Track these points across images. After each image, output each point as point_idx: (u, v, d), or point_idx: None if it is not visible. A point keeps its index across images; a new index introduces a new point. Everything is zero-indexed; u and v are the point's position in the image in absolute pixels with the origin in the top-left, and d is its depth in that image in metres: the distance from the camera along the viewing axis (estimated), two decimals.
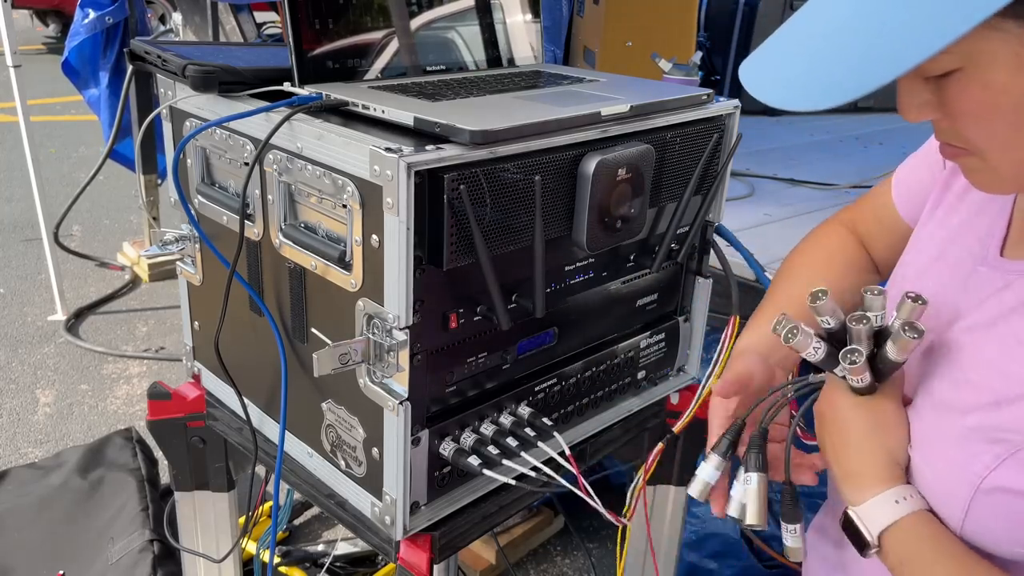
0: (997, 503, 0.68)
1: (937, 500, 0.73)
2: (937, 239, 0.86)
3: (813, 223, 1.10)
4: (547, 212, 0.96)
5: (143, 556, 1.76)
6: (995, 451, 0.68)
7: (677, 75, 2.09)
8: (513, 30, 1.26)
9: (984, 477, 0.68)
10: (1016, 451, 0.66)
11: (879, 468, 0.75)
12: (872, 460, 0.75)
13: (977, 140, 0.66)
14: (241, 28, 4.47)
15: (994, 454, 0.68)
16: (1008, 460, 0.67)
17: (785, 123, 3.30)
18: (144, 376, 3.20)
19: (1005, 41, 0.59)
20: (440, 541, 1.00)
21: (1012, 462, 0.67)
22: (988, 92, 0.62)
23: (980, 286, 0.75)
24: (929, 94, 0.66)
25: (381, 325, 0.91)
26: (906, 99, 0.67)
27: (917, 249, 0.89)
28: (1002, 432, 0.68)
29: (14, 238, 4.37)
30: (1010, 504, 0.67)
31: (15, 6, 6.71)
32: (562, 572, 2.30)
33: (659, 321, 1.27)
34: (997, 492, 0.68)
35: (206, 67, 1.05)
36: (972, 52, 0.60)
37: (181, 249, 1.21)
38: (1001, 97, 0.62)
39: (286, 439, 1.12)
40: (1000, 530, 0.69)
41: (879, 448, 0.76)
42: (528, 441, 1.03)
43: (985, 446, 0.69)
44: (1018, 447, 0.66)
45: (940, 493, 0.72)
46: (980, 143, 0.66)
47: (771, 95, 0.64)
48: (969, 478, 0.69)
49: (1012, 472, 0.67)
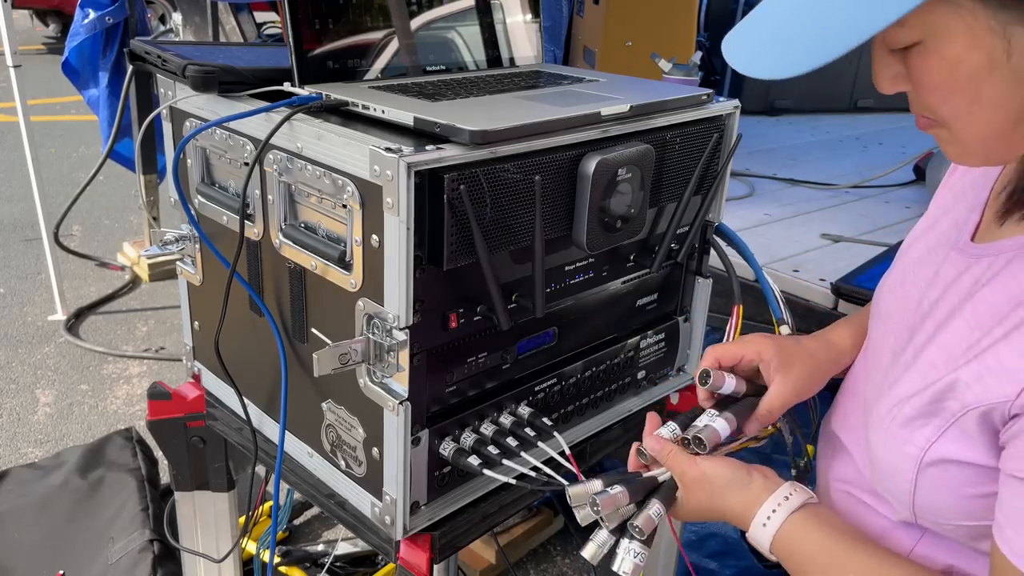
0: (940, 475, 0.71)
1: (887, 478, 0.76)
2: (922, 226, 0.89)
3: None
4: (547, 212, 0.96)
5: (143, 556, 1.76)
6: (936, 423, 0.71)
7: (677, 75, 2.09)
8: (513, 30, 1.26)
9: (926, 450, 0.71)
10: (955, 420, 0.69)
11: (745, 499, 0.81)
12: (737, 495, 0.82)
13: (941, 112, 0.68)
14: (241, 28, 4.47)
15: (935, 426, 0.71)
16: (948, 431, 0.70)
17: (785, 123, 3.30)
18: (144, 376, 3.20)
19: (959, 15, 0.61)
20: (440, 541, 1.00)
21: (951, 432, 0.69)
22: (945, 64, 0.64)
23: (948, 272, 0.77)
24: (899, 66, 0.68)
25: (381, 325, 0.91)
26: (879, 71, 0.70)
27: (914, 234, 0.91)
28: (942, 404, 0.70)
29: (14, 238, 4.37)
30: (952, 474, 0.70)
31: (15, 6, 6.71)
32: (562, 572, 2.30)
33: (659, 321, 1.27)
34: (940, 463, 0.70)
35: (206, 67, 1.05)
36: (930, 25, 0.62)
37: (181, 249, 1.21)
38: (957, 70, 0.64)
39: (286, 439, 1.12)
40: (946, 501, 0.71)
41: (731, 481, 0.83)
42: (528, 441, 1.03)
43: (927, 419, 0.71)
44: (956, 415, 0.69)
45: (889, 471, 0.75)
46: (944, 115, 0.68)
47: (742, 63, 0.67)
48: (913, 452, 0.72)
49: (951, 443, 0.69)
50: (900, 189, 2.38)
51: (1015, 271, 0.68)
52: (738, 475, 0.83)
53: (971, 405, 0.67)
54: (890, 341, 0.82)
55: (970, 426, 0.68)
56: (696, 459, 0.86)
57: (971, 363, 0.68)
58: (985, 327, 0.68)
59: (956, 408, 0.69)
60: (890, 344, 0.82)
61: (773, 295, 1.16)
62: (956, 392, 0.69)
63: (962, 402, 0.68)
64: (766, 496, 0.80)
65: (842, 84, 3.45)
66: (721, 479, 0.83)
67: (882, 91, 0.71)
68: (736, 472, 0.83)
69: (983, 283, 0.71)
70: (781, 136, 3.07)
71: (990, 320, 0.68)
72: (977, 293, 0.71)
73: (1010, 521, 0.65)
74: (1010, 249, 0.70)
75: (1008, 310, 0.67)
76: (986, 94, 0.64)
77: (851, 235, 1.94)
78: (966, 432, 0.69)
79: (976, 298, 0.71)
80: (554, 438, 1.03)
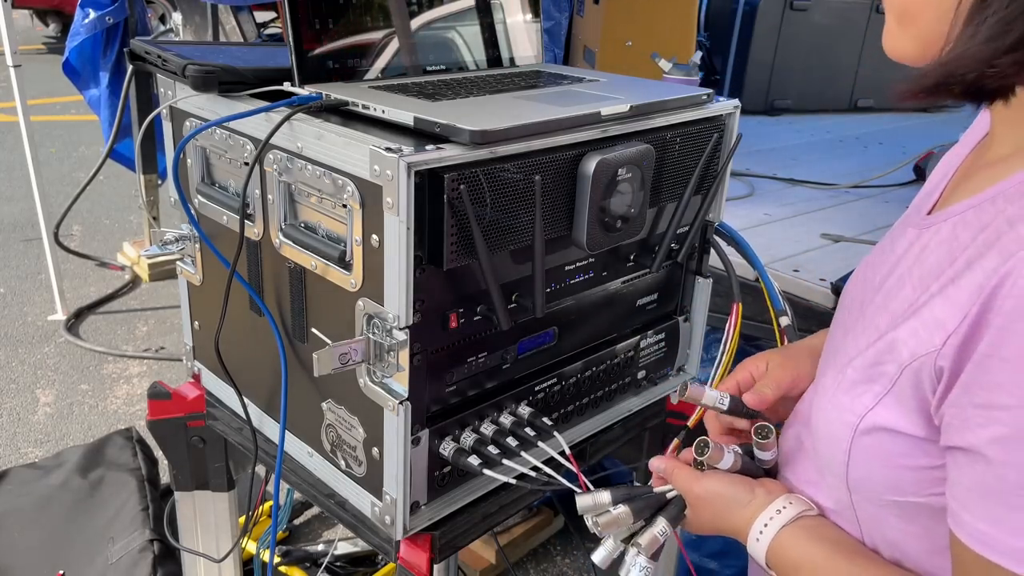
0: (873, 443, 0.70)
1: (825, 450, 0.76)
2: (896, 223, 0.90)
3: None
4: (547, 212, 0.96)
5: (143, 556, 1.76)
6: (875, 390, 0.70)
7: (677, 75, 2.09)
8: (513, 30, 1.26)
9: (863, 416, 0.70)
10: (892, 384, 0.68)
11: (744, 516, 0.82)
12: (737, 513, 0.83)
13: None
14: (241, 28, 4.47)
15: (873, 393, 0.70)
16: (884, 398, 0.69)
17: (785, 123, 3.30)
18: (144, 376, 3.20)
19: None
20: (440, 541, 1.00)
21: (888, 399, 0.68)
22: None
23: (901, 245, 0.77)
24: None
25: (381, 325, 0.91)
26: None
27: None
28: (881, 367, 0.69)
29: (14, 238, 4.37)
30: (885, 443, 0.69)
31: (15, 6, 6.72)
32: (562, 572, 2.30)
33: (659, 321, 1.27)
34: (874, 431, 0.70)
35: (206, 67, 1.05)
36: None
37: (181, 249, 1.21)
38: None
39: (286, 439, 1.12)
40: (878, 473, 0.71)
41: (731, 500, 0.83)
42: (528, 441, 1.03)
43: (867, 386, 0.71)
44: (893, 379, 0.68)
45: (828, 441, 0.75)
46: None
47: None
48: (851, 420, 0.71)
49: (887, 410, 0.68)
50: (900, 189, 2.38)
51: (957, 232, 0.68)
52: (739, 494, 0.83)
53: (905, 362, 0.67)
54: (845, 321, 0.83)
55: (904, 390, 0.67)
56: (700, 478, 0.86)
57: (908, 320, 0.68)
58: (925, 286, 0.68)
59: (892, 371, 0.68)
60: (844, 323, 0.83)
61: (774, 288, 1.17)
62: (894, 352, 0.68)
63: (898, 362, 0.68)
64: (761, 511, 0.81)
65: (842, 84, 3.45)
66: (722, 499, 0.84)
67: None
68: (737, 490, 0.84)
69: (929, 248, 0.71)
70: (781, 136, 3.07)
71: (930, 279, 0.68)
72: (922, 257, 0.71)
73: (963, 504, 0.62)
74: (956, 213, 0.70)
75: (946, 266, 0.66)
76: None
77: (851, 235, 1.94)
78: (900, 399, 0.68)
79: (920, 262, 0.71)
80: (554, 438, 1.03)
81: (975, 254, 0.63)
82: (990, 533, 0.59)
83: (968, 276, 0.62)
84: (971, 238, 0.65)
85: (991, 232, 0.63)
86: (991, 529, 0.59)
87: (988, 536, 0.59)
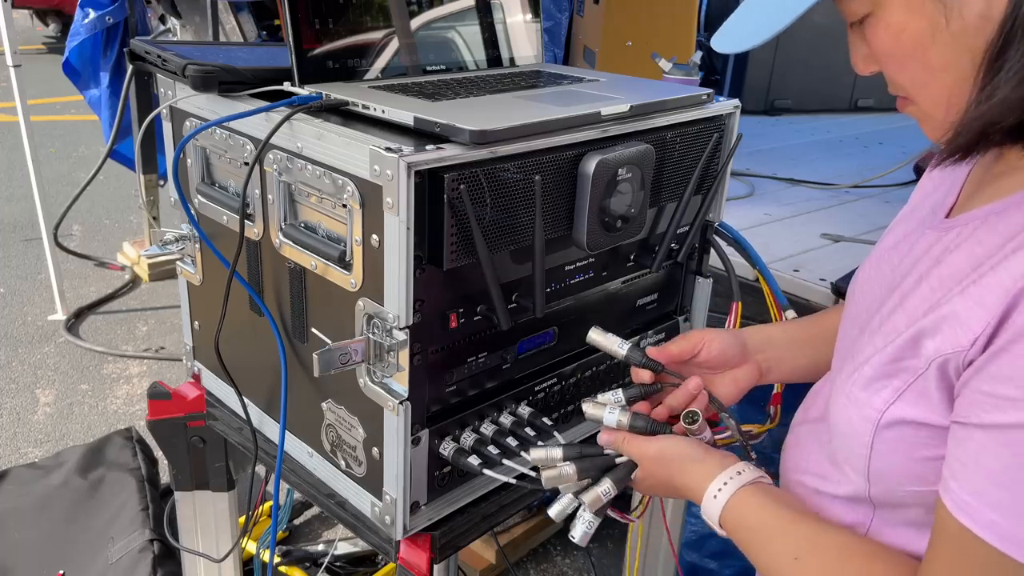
0: (896, 437, 0.72)
1: (844, 444, 0.77)
2: (901, 215, 0.91)
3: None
4: (547, 212, 0.96)
5: (143, 556, 1.76)
6: (894, 385, 0.72)
7: (677, 75, 2.08)
8: (513, 30, 1.26)
9: (884, 411, 0.72)
10: (915, 379, 0.70)
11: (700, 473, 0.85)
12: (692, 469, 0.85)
13: (902, 81, 0.72)
14: (241, 28, 4.47)
15: (893, 388, 0.72)
16: (905, 392, 0.70)
17: (785, 123, 3.30)
18: (144, 376, 3.20)
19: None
20: (440, 541, 1.00)
21: (908, 394, 0.70)
22: (890, 32, 0.69)
23: (920, 247, 0.79)
24: (867, 47, 0.73)
25: (381, 325, 0.91)
26: (853, 52, 0.75)
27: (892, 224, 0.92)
28: (901, 363, 0.71)
29: (14, 238, 4.37)
30: (907, 436, 0.71)
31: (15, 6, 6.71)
32: (562, 572, 2.30)
33: (659, 321, 1.27)
34: (896, 425, 0.71)
35: (206, 67, 1.05)
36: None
37: (181, 249, 1.21)
38: (903, 37, 0.68)
39: (286, 439, 1.12)
40: (900, 465, 0.72)
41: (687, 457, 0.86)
42: (528, 441, 1.03)
43: (886, 381, 0.72)
44: (917, 373, 0.69)
45: (848, 435, 0.76)
46: (905, 84, 0.72)
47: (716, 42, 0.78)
48: (871, 415, 0.73)
49: (909, 404, 0.70)
50: (900, 189, 2.38)
51: (980, 237, 0.70)
52: (694, 451, 0.86)
53: (931, 357, 0.68)
54: (861, 319, 0.84)
55: (929, 384, 0.69)
56: (653, 440, 0.89)
57: (929, 315, 0.70)
58: (947, 287, 0.70)
59: (915, 367, 0.70)
60: (861, 321, 0.84)
61: (776, 284, 1.17)
62: (917, 348, 0.70)
63: (921, 358, 0.69)
64: (719, 471, 0.83)
65: (842, 84, 3.45)
66: (677, 454, 0.87)
67: (859, 72, 0.76)
68: (693, 448, 0.87)
69: (951, 250, 0.73)
70: (781, 136, 3.07)
71: (951, 281, 0.70)
72: (944, 259, 0.73)
73: (954, 473, 0.65)
74: (977, 218, 0.72)
75: (969, 270, 0.68)
76: (934, 59, 0.67)
77: (851, 235, 1.94)
78: (924, 393, 0.69)
79: (942, 264, 0.73)
80: (554, 438, 1.03)
81: (1001, 257, 0.66)
82: (972, 504, 0.63)
83: (992, 277, 0.65)
84: (996, 242, 0.67)
85: (1018, 237, 0.65)
86: (973, 500, 0.63)
87: (969, 506, 0.63)
